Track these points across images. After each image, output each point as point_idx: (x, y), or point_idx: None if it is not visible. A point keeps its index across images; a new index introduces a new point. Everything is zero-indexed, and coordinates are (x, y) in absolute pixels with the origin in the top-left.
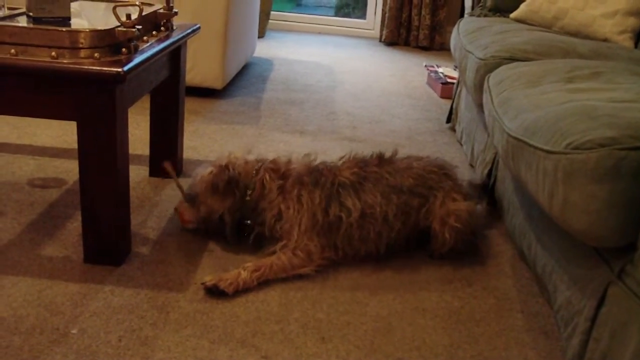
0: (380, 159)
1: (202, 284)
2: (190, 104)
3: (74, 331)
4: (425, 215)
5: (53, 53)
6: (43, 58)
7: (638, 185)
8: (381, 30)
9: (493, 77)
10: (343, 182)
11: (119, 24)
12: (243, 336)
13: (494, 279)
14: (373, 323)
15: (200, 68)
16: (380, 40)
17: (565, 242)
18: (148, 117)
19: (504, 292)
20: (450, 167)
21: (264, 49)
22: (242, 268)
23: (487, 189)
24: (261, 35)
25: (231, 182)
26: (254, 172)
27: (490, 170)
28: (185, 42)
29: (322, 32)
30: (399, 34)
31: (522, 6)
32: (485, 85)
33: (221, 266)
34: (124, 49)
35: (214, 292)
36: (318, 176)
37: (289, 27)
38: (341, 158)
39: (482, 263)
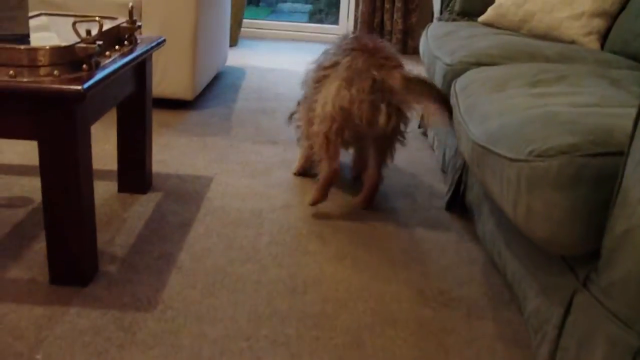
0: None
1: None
2: (161, 116)
3: (38, 357)
4: None
5: (11, 72)
6: (1, 77)
7: (600, 192)
8: None
9: (459, 83)
10: None
11: (79, 40)
12: (211, 355)
13: (466, 286)
14: (343, 337)
15: (170, 80)
16: None
17: (532, 249)
18: None
19: (475, 300)
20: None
21: (236, 57)
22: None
23: None
24: (233, 43)
25: None
26: None
27: (460, 177)
28: (151, 55)
29: (295, 39)
30: None
31: (490, 10)
32: (452, 91)
33: (189, 283)
34: (84, 66)
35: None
36: None
37: (261, 35)
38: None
39: (454, 271)
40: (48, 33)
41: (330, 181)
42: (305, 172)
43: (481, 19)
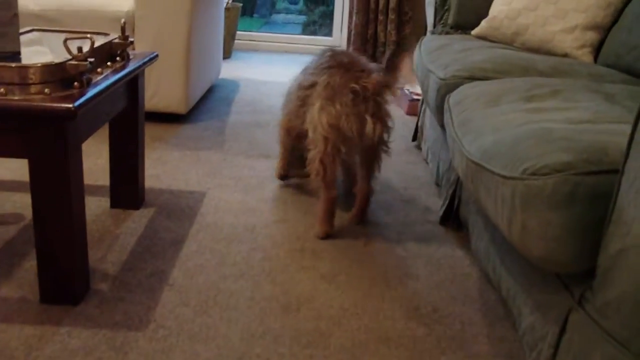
0: None
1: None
2: (154, 130)
3: None
4: None
5: (2, 90)
6: None
7: (594, 210)
8: (347, 47)
9: (453, 97)
10: None
11: (71, 57)
12: None
13: (460, 303)
14: (337, 355)
15: (163, 93)
16: None
17: (527, 266)
18: None
19: (469, 316)
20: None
21: (229, 70)
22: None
23: None
24: (227, 56)
25: None
26: None
27: (454, 191)
28: (143, 71)
29: (289, 51)
30: (365, 51)
31: (483, 23)
32: (446, 106)
33: (182, 301)
34: (76, 83)
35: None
36: None
37: (255, 47)
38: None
39: (448, 287)
40: (39, 49)
41: (331, 209)
42: (286, 173)
43: (474, 32)
